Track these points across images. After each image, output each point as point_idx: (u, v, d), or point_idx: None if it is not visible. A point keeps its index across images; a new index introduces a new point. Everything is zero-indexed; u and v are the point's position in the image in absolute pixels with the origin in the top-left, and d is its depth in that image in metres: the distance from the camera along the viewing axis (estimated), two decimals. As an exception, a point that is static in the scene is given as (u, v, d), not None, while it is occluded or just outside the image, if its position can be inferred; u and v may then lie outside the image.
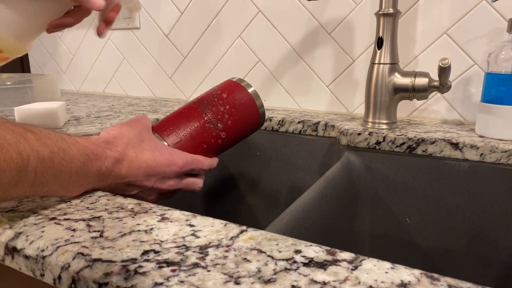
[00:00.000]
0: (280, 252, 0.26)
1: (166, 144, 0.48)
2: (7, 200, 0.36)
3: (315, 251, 0.26)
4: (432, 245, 0.59)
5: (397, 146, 0.59)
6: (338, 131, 0.66)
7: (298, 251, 0.26)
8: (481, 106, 0.58)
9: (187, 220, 0.32)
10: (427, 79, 0.58)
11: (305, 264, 0.25)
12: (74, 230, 0.30)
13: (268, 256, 0.26)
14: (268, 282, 0.23)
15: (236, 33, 0.88)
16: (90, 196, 0.37)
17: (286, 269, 0.24)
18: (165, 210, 0.34)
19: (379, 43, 0.60)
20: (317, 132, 0.70)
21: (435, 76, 0.58)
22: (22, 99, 0.86)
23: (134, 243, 0.28)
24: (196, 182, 0.50)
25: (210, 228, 0.30)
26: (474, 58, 0.66)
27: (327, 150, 0.70)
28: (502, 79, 0.55)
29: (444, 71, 0.55)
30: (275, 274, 0.24)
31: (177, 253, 0.26)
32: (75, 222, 0.31)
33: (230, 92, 0.53)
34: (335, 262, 0.25)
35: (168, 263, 0.25)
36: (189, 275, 0.24)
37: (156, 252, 0.27)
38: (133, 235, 0.29)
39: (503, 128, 0.55)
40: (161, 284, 0.23)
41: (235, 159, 0.80)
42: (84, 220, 0.32)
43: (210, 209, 0.84)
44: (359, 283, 0.23)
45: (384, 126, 0.62)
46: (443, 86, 0.57)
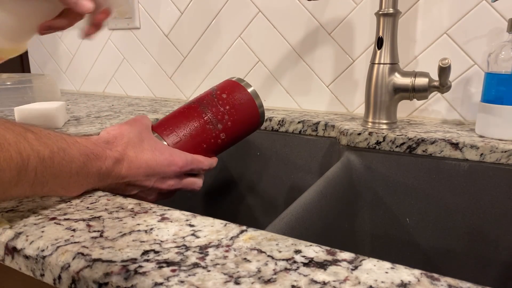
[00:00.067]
0: (280, 252, 0.26)
1: (166, 144, 0.48)
2: (7, 200, 0.36)
3: (315, 251, 0.26)
4: (432, 245, 0.59)
5: (397, 146, 0.59)
6: (338, 131, 0.66)
7: (298, 251, 0.26)
8: (481, 106, 0.58)
9: (187, 220, 0.32)
10: (427, 79, 0.58)
11: (305, 264, 0.25)
12: (74, 230, 0.30)
13: (268, 256, 0.26)
14: (268, 282, 0.23)
15: (236, 33, 0.88)
16: (90, 196, 0.37)
17: (286, 269, 0.24)
18: (165, 210, 0.34)
19: (379, 43, 0.60)
20: (317, 132, 0.70)
21: (435, 76, 0.58)
22: (22, 99, 0.86)
23: (134, 243, 0.28)
24: (196, 182, 0.50)
25: (210, 228, 0.30)
26: (474, 58, 0.66)
27: (327, 150, 0.70)
28: (502, 79, 0.55)
29: (444, 71, 0.55)
30: (275, 274, 0.24)
31: (177, 253, 0.26)
32: (75, 222, 0.31)
33: (229, 92, 0.53)
34: (335, 262, 0.25)
35: (168, 263, 0.25)
36: (189, 275, 0.24)
37: (156, 252, 0.27)
38: (133, 235, 0.29)
39: (503, 128, 0.55)
40: (161, 284, 0.23)
41: (235, 159, 0.80)
42: (84, 220, 0.32)
43: (210, 209, 0.84)
44: (359, 283, 0.23)
45: (384, 126, 0.62)
46: (443, 86, 0.57)
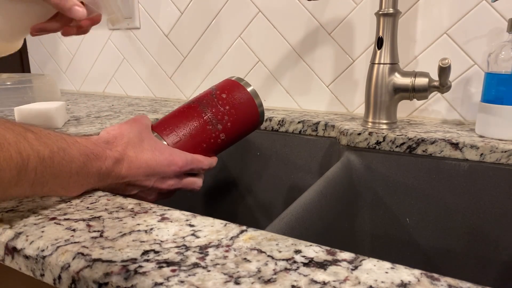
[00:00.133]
0: (280, 252, 0.26)
1: (166, 143, 0.48)
2: (7, 199, 0.36)
3: (315, 251, 0.26)
4: (432, 245, 0.59)
5: (397, 146, 0.59)
6: (338, 131, 0.66)
7: (298, 251, 0.26)
8: (481, 106, 0.58)
9: (187, 220, 0.32)
10: (427, 79, 0.58)
11: (305, 264, 0.25)
12: (74, 230, 0.30)
13: (268, 256, 0.26)
14: (268, 282, 0.23)
15: (236, 33, 0.88)
16: (90, 196, 0.37)
17: (286, 269, 0.24)
18: (165, 210, 0.34)
19: (379, 43, 0.60)
20: (317, 132, 0.70)
21: (435, 76, 0.58)
22: (22, 99, 0.86)
23: (134, 243, 0.28)
24: (196, 181, 0.50)
25: (210, 228, 0.30)
26: (474, 58, 0.66)
27: (327, 150, 0.70)
28: (502, 79, 0.55)
29: (444, 71, 0.55)
30: (275, 274, 0.24)
31: (177, 253, 0.26)
32: (75, 222, 0.31)
33: (229, 91, 0.53)
34: (335, 262, 0.25)
35: (168, 263, 0.25)
36: (189, 275, 0.24)
37: (156, 252, 0.27)
38: (133, 235, 0.29)
39: (503, 128, 0.55)
40: (161, 284, 0.23)
41: (235, 159, 0.80)
42: (84, 220, 0.32)
43: (210, 209, 0.84)
44: (359, 283, 0.23)
45: (384, 126, 0.62)
46: (443, 86, 0.57)
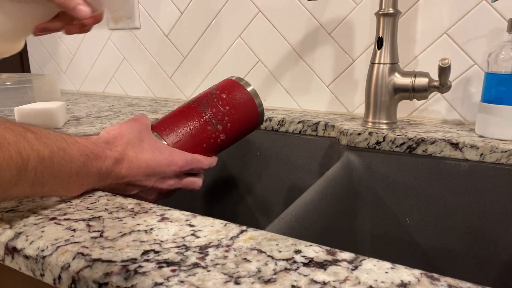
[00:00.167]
0: (280, 252, 0.26)
1: (166, 143, 0.48)
2: (7, 199, 0.36)
3: (315, 251, 0.26)
4: (432, 245, 0.59)
5: (397, 146, 0.59)
6: (338, 131, 0.66)
7: (298, 251, 0.26)
8: (481, 106, 0.58)
9: (187, 220, 0.32)
10: (427, 79, 0.58)
11: (305, 264, 0.25)
12: (74, 230, 0.30)
13: (268, 256, 0.26)
14: (268, 282, 0.23)
15: (236, 33, 0.88)
16: (90, 196, 0.37)
17: (286, 269, 0.24)
18: (165, 210, 0.34)
19: (379, 43, 0.60)
20: (317, 132, 0.70)
21: (435, 76, 0.58)
22: (22, 99, 0.86)
23: (134, 243, 0.28)
24: (196, 181, 0.50)
25: (210, 228, 0.30)
26: (474, 58, 0.66)
27: (327, 150, 0.70)
28: (502, 79, 0.55)
29: (444, 71, 0.55)
30: (275, 274, 0.24)
31: (177, 253, 0.26)
32: (75, 222, 0.31)
33: (229, 91, 0.53)
34: (335, 262, 0.25)
35: (168, 263, 0.25)
36: (189, 275, 0.24)
37: (156, 252, 0.27)
38: (133, 235, 0.29)
39: (503, 128, 0.55)
40: (161, 284, 0.23)
41: (235, 159, 0.80)
42: (84, 220, 0.32)
43: (210, 209, 0.84)
44: (359, 283, 0.23)
45: (384, 126, 0.62)
46: (443, 86, 0.57)
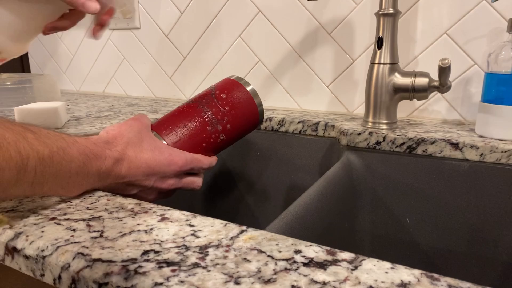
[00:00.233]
0: (280, 252, 0.26)
1: (166, 143, 0.48)
2: (7, 199, 0.36)
3: (315, 251, 0.26)
4: (432, 245, 0.59)
5: (397, 146, 0.59)
6: (338, 131, 0.66)
7: (298, 251, 0.26)
8: (481, 106, 0.58)
9: (187, 220, 0.32)
10: (427, 79, 0.58)
11: (305, 264, 0.25)
12: (74, 230, 0.30)
13: (268, 256, 0.26)
14: (268, 282, 0.23)
15: (236, 33, 0.88)
16: (90, 196, 0.37)
17: (286, 269, 0.24)
18: (165, 210, 0.34)
19: (379, 43, 0.60)
20: (317, 132, 0.70)
21: (435, 76, 0.58)
22: (22, 99, 0.86)
23: (134, 243, 0.28)
24: (196, 181, 0.50)
25: (210, 228, 0.30)
26: (474, 58, 0.66)
27: (327, 150, 0.70)
28: (502, 79, 0.55)
29: (444, 71, 0.55)
30: (275, 274, 0.24)
31: (177, 253, 0.26)
32: (75, 222, 0.31)
33: (229, 91, 0.53)
34: (335, 262, 0.25)
35: (168, 263, 0.25)
36: (189, 275, 0.24)
37: (156, 252, 0.27)
38: (133, 235, 0.29)
39: (503, 128, 0.55)
40: (161, 284, 0.23)
41: (235, 159, 0.80)
42: (84, 220, 0.32)
43: (210, 209, 0.84)
44: (359, 283, 0.23)
45: (384, 126, 0.62)
46: (443, 86, 0.57)
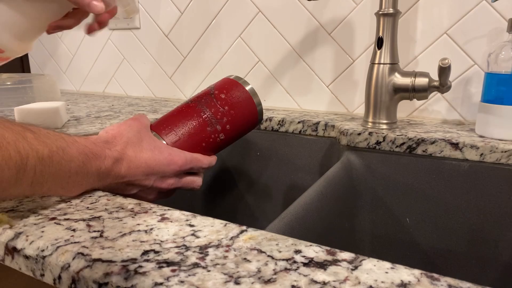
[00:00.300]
0: (280, 252, 0.26)
1: (165, 143, 0.48)
2: (7, 199, 0.36)
3: (315, 251, 0.26)
4: (432, 245, 0.59)
5: (397, 146, 0.59)
6: (338, 131, 0.66)
7: (298, 251, 0.26)
8: (481, 106, 0.58)
9: (187, 220, 0.32)
10: (427, 79, 0.58)
11: (305, 264, 0.25)
12: (74, 230, 0.30)
13: (268, 256, 0.26)
14: (268, 282, 0.23)
15: (236, 33, 0.88)
16: (90, 196, 0.37)
17: (286, 269, 0.24)
18: (165, 210, 0.34)
19: (379, 43, 0.60)
20: (317, 132, 0.70)
21: (435, 76, 0.58)
22: (22, 99, 0.86)
23: (134, 243, 0.28)
24: (196, 180, 0.50)
25: (210, 228, 0.30)
26: (474, 58, 0.66)
27: (327, 150, 0.70)
28: (502, 79, 0.55)
29: (444, 71, 0.55)
30: (275, 274, 0.24)
31: (177, 253, 0.26)
32: (75, 222, 0.31)
33: (227, 90, 0.53)
34: (335, 262, 0.25)
35: (168, 263, 0.25)
36: (189, 275, 0.24)
37: (156, 252, 0.27)
38: (133, 235, 0.29)
39: (503, 128, 0.55)
40: (161, 284, 0.23)
41: (235, 159, 0.80)
42: (84, 220, 0.32)
43: (210, 209, 0.84)
44: (359, 283, 0.23)
45: (384, 126, 0.62)
46: (443, 86, 0.57)
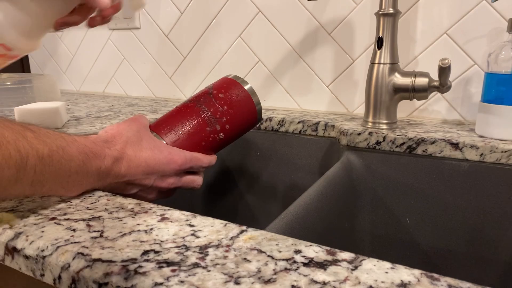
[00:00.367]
0: (280, 252, 0.26)
1: (165, 142, 0.48)
2: (7, 199, 0.36)
3: (315, 251, 0.26)
4: (432, 245, 0.59)
5: (397, 146, 0.59)
6: (338, 131, 0.66)
7: (298, 251, 0.26)
8: (481, 106, 0.58)
9: (187, 220, 0.32)
10: (427, 79, 0.58)
11: (305, 264, 0.25)
12: (74, 230, 0.30)
13: (268, 256, 0.26)
14: (268, 282, 0.23)
15: (236, 33, 0.88)
16: (90, 196, 0.37)
17: (286, 269, 0.24)
18: (165, 210, 0.34)
19: (379, 43, 0.60)
20: (317, 132, 0.70)
21: (435, 76, 0.58)
22: (22, 99, 0.86)
23: (134, 243, 0.28)
24: (196, 179, 0.50)
25: (210, 228, 0.30)
26: (474, 58, 0.66)
27: (327, 150, 0.70)
28: (502, 79, 0.55)
29: (444, 71, 0.55)
30: (275, 274, 0.24)
31: (177, 253, 0.26)
32: (75, 222, 0.31)
33: (226, 89, 0.53)
34: (335, 262, 0.25)
35: (168, 263, 0.25)
36: (189, 275, 0.24)
37: (156, 252, 0.27)
38: (133, 235, 0.29)
39: (503, 128, 0.55)
40: (161, 284, 0.23)
41: (235, 159, 0.80)
42: (84, 220, 0.32)
43: (210, 209, 0.84)
44: (359, 283, 0.23)
45: (384, 126, 0.62)
46: (443, 86, 0.57)
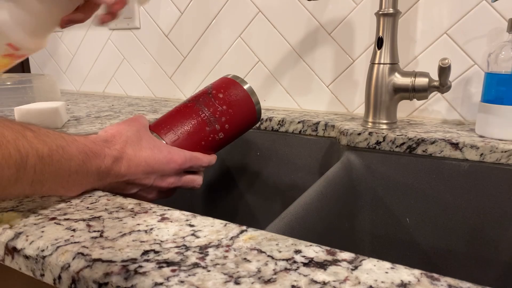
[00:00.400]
0: (280, 252, 0.26)
1: (164, 142, 0.48)
2: (7, 198, 0.36)
3: (315, 251, 0.26)
4: (432, 245, 0.59)
5: (397, 146, 0.59)
6: (338, 131, 0.66)
7: (298, 251, 0.26)
8: (481, 106, 0.58)
9: (187, 220, 0.32)
10: (427, 79, 0.58)
11: (305, 264, 0.25)
12: (74, 230, 0.30)
13: (268, 256, 0.26)
14: (268, 282, 0.23)
15: (236, 33, 0.88)
16: (90, 196, 0.37)
17: (286, 269, 0.24)
18: (165, 210, 0.34)
19: (379, 43, 0.60)
20: (317, 132, 0.70)
21: (435, 76, 0.58)
22: (22, 99, 0.86)
23: (134, 243, 0.28)
24: (196, 179, 0.50)
25: (210, 228, 0.30)
26: (474, 58, 0.66)
27: (327, 150, 0.70)
28: (502, 79, 0.55)
29: (444, 71, 0.55)
30: (275, 274, 0.24)
31: (177, 253, 0.26)
32: (75, 222, 0.31)
33: (225, 89, 0.53)
34: (335, 262, 0.25)
35: (168, 263, 0.25)
36: (189, 275, 0.24)
37: (156, 252, 0.27)
38: (133, 235, 0.29)
39: (503, 128, 0.55)
40: (161, 284, 0.23)
41: (235, 159, 0.80)
42: (84, 220, 0.32)
43: (210, 209, 0.84)
44: (359, 283, 0.23)
45: (384, 126, 0.62)
46: (443, 86, 0.57)
